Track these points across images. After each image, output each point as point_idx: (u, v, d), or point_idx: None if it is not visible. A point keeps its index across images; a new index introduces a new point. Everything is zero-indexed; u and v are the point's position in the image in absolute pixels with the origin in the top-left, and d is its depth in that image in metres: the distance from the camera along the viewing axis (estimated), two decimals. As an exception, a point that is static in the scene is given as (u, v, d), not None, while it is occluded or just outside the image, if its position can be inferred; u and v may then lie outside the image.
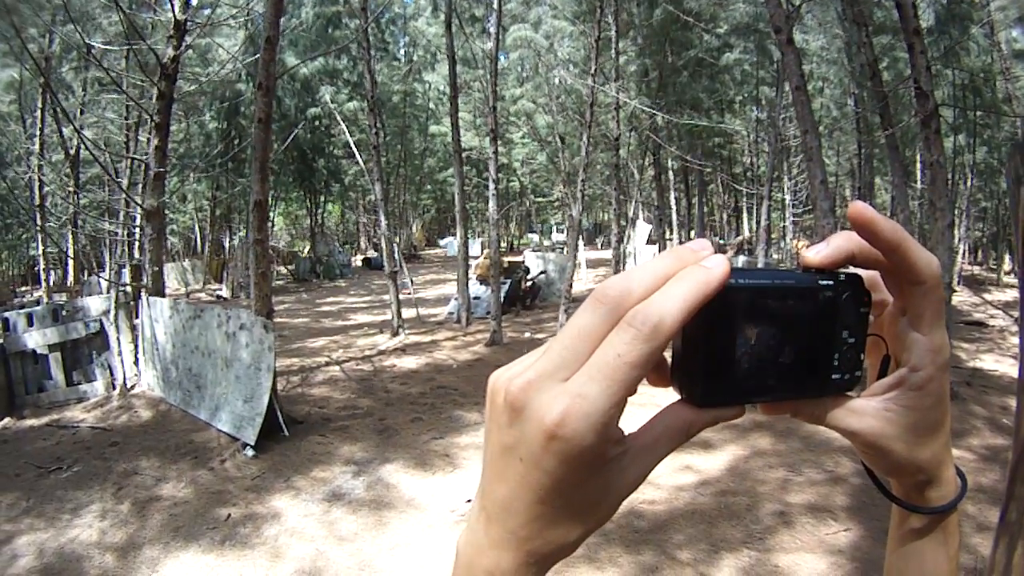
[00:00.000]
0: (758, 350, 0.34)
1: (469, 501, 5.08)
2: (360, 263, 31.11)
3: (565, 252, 16.38)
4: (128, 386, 8.21)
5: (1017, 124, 17.61)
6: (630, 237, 20.53)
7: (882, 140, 11.93)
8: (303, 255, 28.18)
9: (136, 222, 10.64)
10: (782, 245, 22.27)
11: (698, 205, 26.96)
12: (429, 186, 38.40)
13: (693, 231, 25.96)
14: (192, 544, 4.55)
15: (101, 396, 8.03)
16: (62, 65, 15.75)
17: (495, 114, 11.47)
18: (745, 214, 30.16)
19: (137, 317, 8.36)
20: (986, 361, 9.69)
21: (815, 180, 7.70)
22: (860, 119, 18.13)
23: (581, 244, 16.98)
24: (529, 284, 15.53)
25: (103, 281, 15.42)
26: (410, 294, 14.72)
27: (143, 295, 8.34)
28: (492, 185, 11.84)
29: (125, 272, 12.42)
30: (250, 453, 6.07)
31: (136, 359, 8.33)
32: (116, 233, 13.17)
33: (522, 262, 16.84)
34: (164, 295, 8.64)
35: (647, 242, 20.68)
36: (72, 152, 14.34)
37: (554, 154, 18.99)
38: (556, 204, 33.01)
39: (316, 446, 6.37)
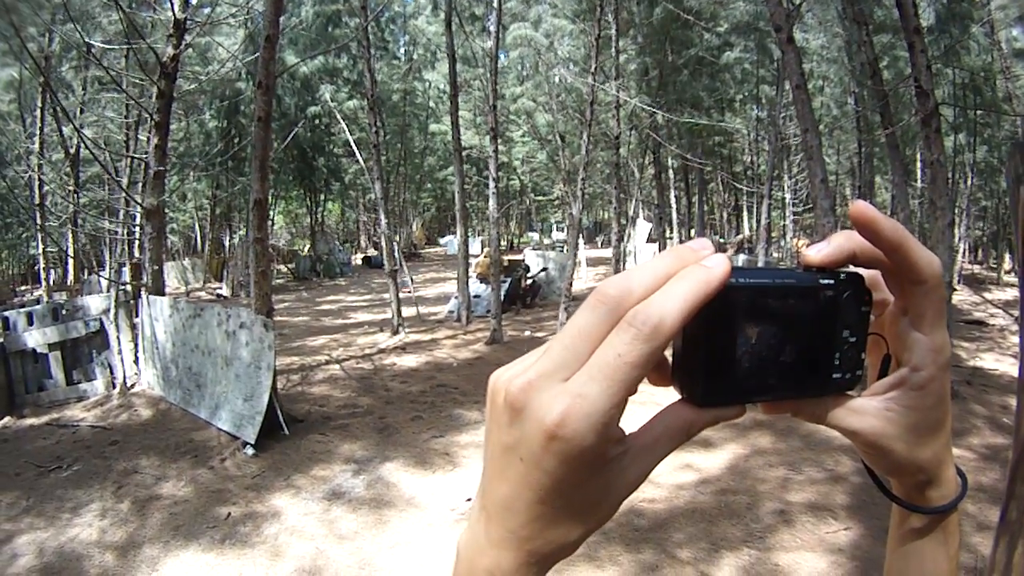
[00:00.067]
0: (759, 349, 0.34)
1: (469, 500, 5.08)
2: (360, 261, 31.13)
3: (565, 250, 16.38)
4: (128, 385, 8.21)
5: (1017, 123, 17.61)
6: (630, 236, 20.55)
7: (882, 139, 11.93)
8: (303, 254, 28.19)
9: (136, 221, 10.63)
10: (782, 244, 22.27)
11: (698, 204, 26.95)
12: (429, 184, 38.41)
13: (693, 230, 25.95)
14: (192, 543, 4.56)
15: (101, 395, 8.04)
16: (62, 64, 15.73)
17: (495, 112, 11.46)
18: (745, 213, 30.17)
19: (137, 316, 8.37)
20: (986, 360, 9.70)
21: (815, 179, 7.70)
22: (860, 118, 18.13)
23: (581, 242, 16.97)
24: (529, 282, 15.53)
25: (103, 280, 15.42)
26: (410, 292, 14.72)
27: (143, 294, 8.34)
28: (492, 183, 11.84)
29: (125, 271, 12.40)
30: (250, 452, 6.08)
31: (136, 358, 8.34)
32: (116, 232, 13.15)
33: (522, 260, 16.84)
34: (164, 294, 8.64)
35: (647, 240, 20.69)
36: (72, 151, 14.33)
37: (554, 152, 18.99)
38: (556, 202, 33.01)
39: (316, 445, 6.38)
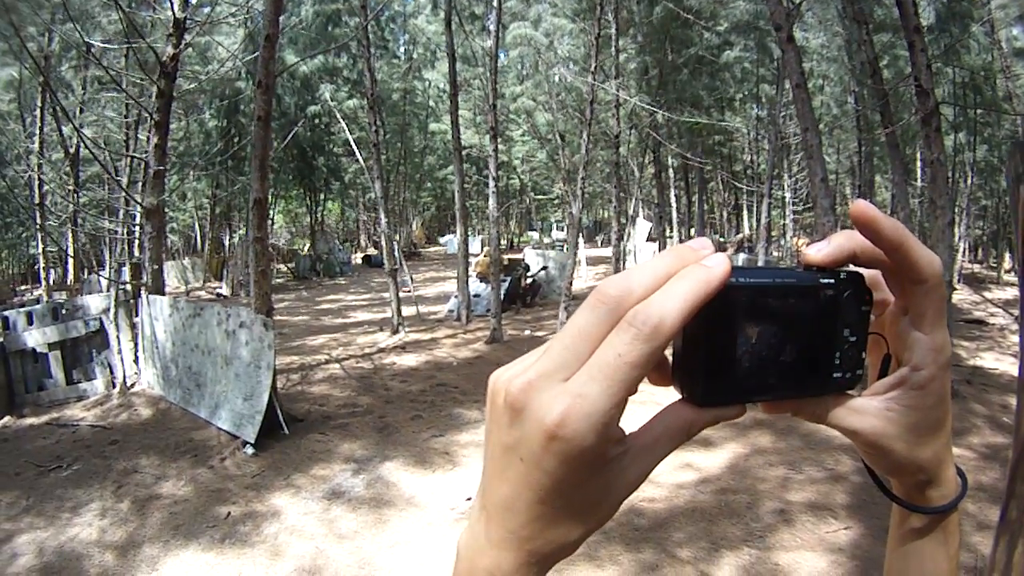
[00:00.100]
0: (759, 349, 0.34)
1: (469, 499, 5.08)
2: (360, 261, 31.13)
3: (565, 250, 16.39)
4: (128, 384, 8.21)
5: (1017, 122, 17.61)
6: (630, 235, 20.56)
7: (882, 138, 11.93)
8: (303, 253, 28.18)
9: (136, 220, 10.62)
10: (782, 243, 22.28)
11: (698, 203, 26.94)
12: (429, 184, 38.41)
13: (693, 229, 25.94)
14: (192, 542, 4.56)
15: (101, 394, 8.04)
16: (61, 64, 15.72)
17: (495, 112, 11.46)
18: (745, 212, 30.16)
19: (137, 315, 8.37)
20: (986, 359, 9.70)
21: (815, 178, 7.70)
22: (860, 117, 18.12)
23: (581, 242, 16.96)
24: (529, 282, 15.53)
25: (103, 279, 15.41)
26: (410, 292, 14.72)
27: (143, 293, 8.34)
28: (492, 183, 11.83)
29: (125, 270, 12.40)
30: (250, 451, 6.08)
31: (136, 357, 8.33)
32: (116, 231, 13.14)
33: (522, 260, 16.83)
34: (164, 293, 8.64)
35: (647, 240, 20.70)
36: (72, 150, 14.33)
37: (554, 152, 18.99)
38: (556, 202, 33.03)
39: (316, 444, 6.38)
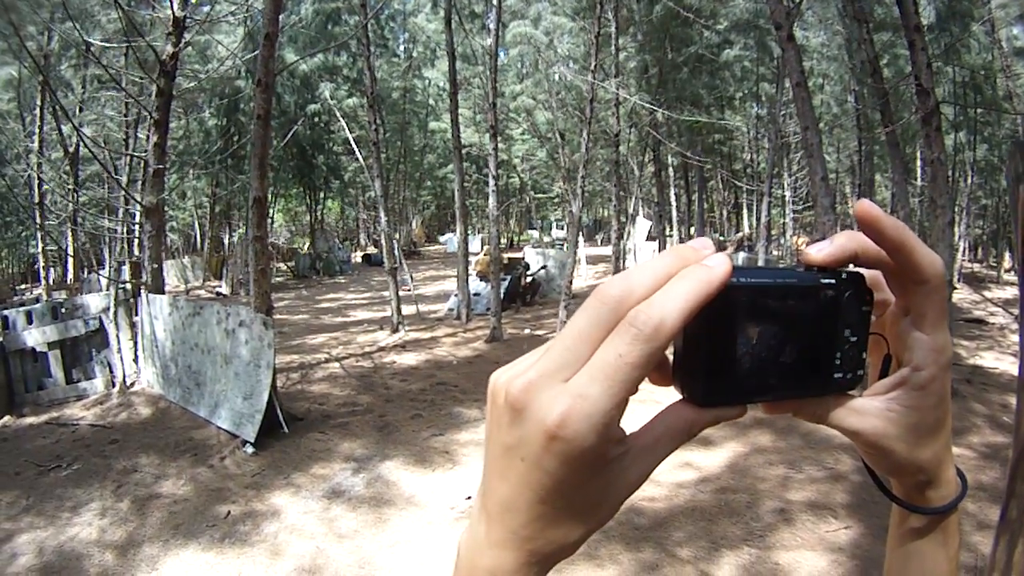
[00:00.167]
0: (760, 349, 0.34)
1: (469, 498, 5.08)
2: (360, 259, 31.11)
3: (565, 248, 16.39)
4: (128, 383, 8.21)
5: (1017, 121, 17.60)
6: (630, 233, 20.57)
7: (883, 137, 11.93)
8: (303, 252, 28.16)
9: (135, 219, 10.61)
10: (782, 242, 22.28)
11: (698, 201, 26.94)
12: (429, 182, 38.40)
13: (693, 227, 25.95)
14: (192, 542, 4.56)
15: (101, 394, 8.04)
16: (61, 63, 15.71)
17: (495, 110, 11.45)
18: (745, 210, 30.17)
19: (136, 314, 8.36)
20: (986, 359, 9.70)
21: (815, 176, 7.70)
22: (860, 116, 18.13)
23: (581, 240, 16.97)
24: (529, 280, 15.53)
25: (102, 278, 15.41)
26: (410, 290, 14.72)
27: (143, 292, 8.33)
28: (492, 181, 11.83)
29: (125, 269, 12.39)
30: (250, 450, 6.08)
31: (136, 356, 8.33)
32: (115, 230, 13.12)
33: (522, 258, 16.83)
34: (164, 292, 8.64)
35: (647, 238, 20.70)
36: (71, 149, 14.33)
37: (554, 150, 18.99)
38: (556, 200, 33.02)
39: (316, 443, 6.38)
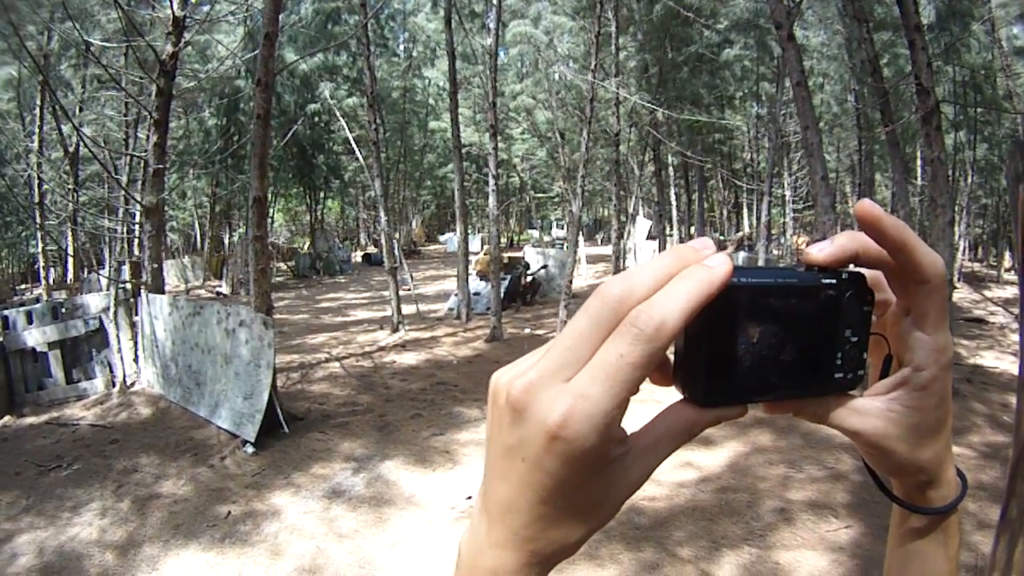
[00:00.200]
0: (760, 349, 0.34)
1: (469, 498, 5.08)
2: (360, 259, 31.11)
3: (565, 248, 16.39)
4: (128, 383, 8.21)
5: (1018, 121, 17.59)
6: (630, 233, 20.57)
7: (883, 136, 11.93)
8: (303, 251, 28.16)
9: (136, 219, 10.61)
10: (782, 241, 22.28)
11: (698, 201, 26.95)
12: (429, 182, 38.39)
13: (693, 227, 25.96)
14: (192, 542, 4.56)
15: (101, 393, 8.04)
16: (61, 62, 15.71)
17: (495, 110, 11.45)
18: (745, 210, 30.16)
19: (137, 314, 8.36)
20: (986, 358, 9.69)
21: (816, 176, 7.70)
22: (861, 115, 18.12)
23: (581, 240, 16.96)
24: (529, 280, 15.53)
25: (103, 278, 15.41)
26: (410, 290, 14.72)
27: (143, 292, 8.34)
28: (492, 181, 11.83)
29: (125, 269, 12.41)
30: (250, 450, 6.08)
31: (136, 356, 8.33)
32: (115, 230, 13.12)
33: (522, 258, 16.83)
34: (164, 292, 8.64)
35: (647, 238, 20.70)
36: (71, 149, 14.32)
37: (554, 150, 18.99)
38: (556, 200, 33.02)
39: (316, 443, 6.38)
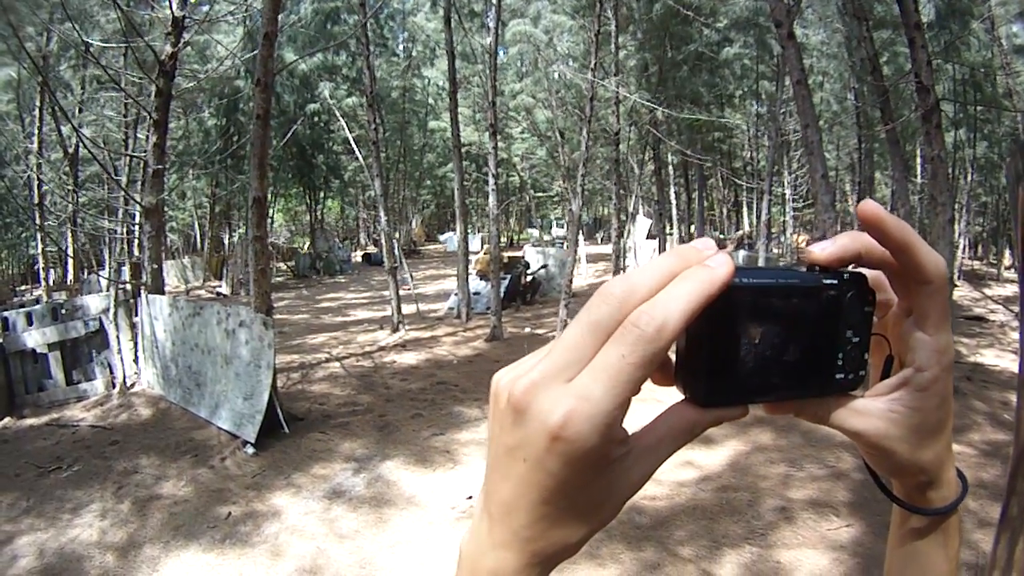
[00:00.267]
0: (762, 349, 0.34)
1: (470, 498, 5.08)
2: (360, 259, 31.11)
3: (565, 247, 16.38)
4: (128, 384, 8.21)
5: (1017, 119, 17.59)
6: (630, 232, 20.54)
7: (882, 135, 11.93)
8: (303, 251, 28.17)
9: (135, 220, 10.60)
10: (782, 240, 22.29)
11: (698, 200, 26.96)
12: (429, 181, 38.38)
13: (693, 226, 25.96)
14: (192, 543, 4.56)
15: (101, 395, 8.04)
16: (60, 63, 15.68)
17: (494, 109, 11.45)
18: (745, 209, 30.16)
19: (136, 315, 8.36)
20: (987, 356, 9.69)
21: (816, 174, 7.69)
22: (860, 113, 18.12)
23: (581, 239, 16.97)
24: (529, 279, 15.53)
25: (102, 279, 15.42)
26: (410, 290, 14.72)
27: (142, 293, 8.33)
28: (492, 180, 11.82)
29: (124, 270, 12.41)
30: (250, 451, 6.08)
31: (136, 357, 8.33)
32: (115, 231, 13.13)
33: (522, 257, 16.83)
34: (164, 292, 8.63)
35: (647, 237, 20.69)
36: (71, 150, 14.31)
37: (554, 149, 18.99)
38: (556, 199, 33.02)
39: (316, 443, 6.38)
